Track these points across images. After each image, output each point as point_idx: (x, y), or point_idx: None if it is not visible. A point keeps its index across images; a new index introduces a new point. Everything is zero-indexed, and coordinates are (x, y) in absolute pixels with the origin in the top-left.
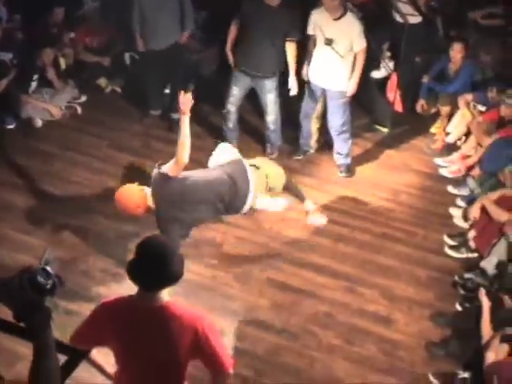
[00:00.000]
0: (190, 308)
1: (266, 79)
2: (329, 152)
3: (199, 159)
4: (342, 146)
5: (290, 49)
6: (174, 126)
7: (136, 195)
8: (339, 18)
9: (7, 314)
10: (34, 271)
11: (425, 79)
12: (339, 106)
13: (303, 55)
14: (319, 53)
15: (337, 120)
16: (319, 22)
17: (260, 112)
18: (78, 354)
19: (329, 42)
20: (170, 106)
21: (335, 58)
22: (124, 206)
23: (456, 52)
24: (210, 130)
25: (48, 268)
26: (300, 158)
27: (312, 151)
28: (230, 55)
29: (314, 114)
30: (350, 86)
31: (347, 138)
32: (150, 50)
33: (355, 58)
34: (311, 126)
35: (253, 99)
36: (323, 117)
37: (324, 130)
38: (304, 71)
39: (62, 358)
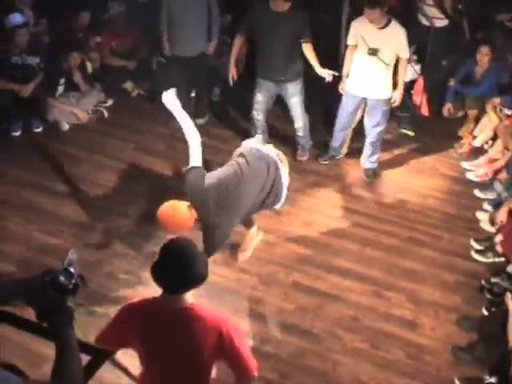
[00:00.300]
0: (215, 310)
1: (288, 83)
2: (354, 155)
3: (224, 163)
4: (373, 151)
5: (307, 50)
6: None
7: (181, 208)
8: (384, 27)
9: (31, 314)
10: (56, 272)
11: (451, 82)
12: (382, 115)
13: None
14: (361, 63)
15: (376, 128)
16: (361, 32)
17: (289, 115)
18: (101, 354)
19: (373, 51)
20: (195, 110)
21: (379, 66)
22: (174, 224)
23: (483, 55)
24: (235, 134)
25: (70, 268)
26: (326, 162)
27: (340, 156)
28: (234, 71)
29: (353, 126)
30: (397, 94)
31: (379, 144)
32: (175, 56)
33: (395, 65)
34: (346, 138)
35: (281, 103)
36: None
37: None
38: (341, 84)
39: (86, 358)
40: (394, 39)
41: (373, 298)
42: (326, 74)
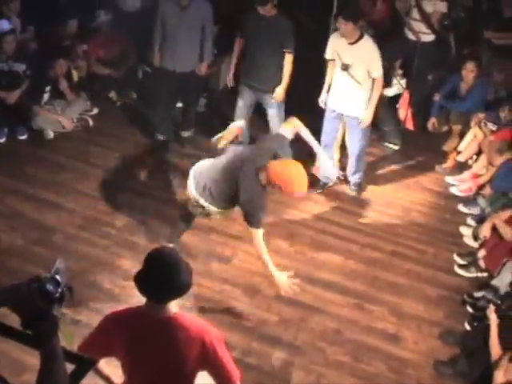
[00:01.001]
0: (198, 320)
1: (266, 94)
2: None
3: None
4: (356, 168)
5: (286, 61)
6: (184, 143)
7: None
8: (355, 43)
9: (15, 322)
10: (43, 279)
11: (436, 97)
12: (362, 131)
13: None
14: (337, 78)
15: (356, 145)
16: (336, 47)
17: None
18: (85, 363)
19: (345, 67)
20: (182, 123)
21: (352, 83)
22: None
23: (468, 71)
24: None
25: (57, 277)
26: (320, 191)
27: (331, 183)
28: (232, 69)
29: (336, 143)
30: (366, 115)
31: (362, 159)
32: (164, 68)
33: (373, 83)
34: (332, 156)
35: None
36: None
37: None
38: (321, 97)
39: (70, 367)
40: (364, 56)
41: (355, 311)
42: (278, 94)
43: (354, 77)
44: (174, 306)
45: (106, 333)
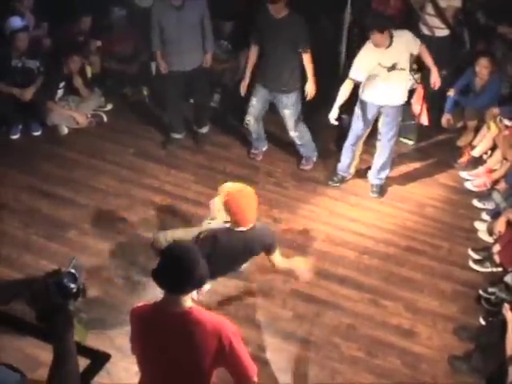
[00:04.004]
0: (214, 315)
1: (282, 94)
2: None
3: (224, 170)
4: (383, 168)
5: (305, 60)
6: (200, 140)
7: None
8: (390, 45)
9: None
10: (61, 274)
11: (450, 93)
12: (395, 122)
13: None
14: (385, 78)
15: (390, 136)
16: (373, 61)
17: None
18: (100, 358)
19: (391, 68)
20: (195, 119)
21: (401, 74)
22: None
23: (481, 67)
24: (236, 141)
25: (75, 273)
26: (337, 185)
27: (349, 177)
28: (248, 77)
29: (363, 139)
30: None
31: (389, 162)
32: (173, 71)
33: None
34: (356, 152)
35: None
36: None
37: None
38: (332, 114)
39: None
40: (404, 47)
41: (370, 307)
42: (309, 91)
43: (403, 68)
44: (189, 301)
45: (132, 329)
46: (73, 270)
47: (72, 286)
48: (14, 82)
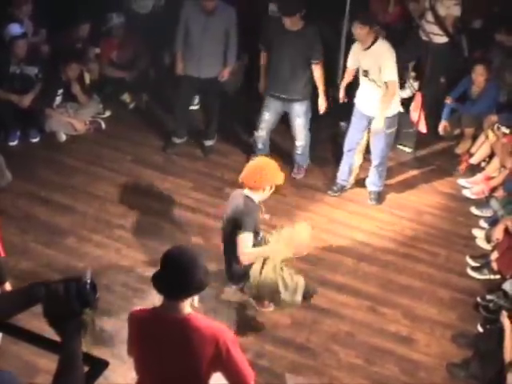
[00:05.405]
0: (212, 321)
1: (295, 103)
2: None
3: (222, 177)
4: (379, 176)
5: (316, 71)
6: (207, 152)
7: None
8: (369, 48)
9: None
10: (83, 281)
11: (448, 100)
12: (381, 136)
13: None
14: (362, 83)
15: (378, 148)
16: (357, 55)
17: (290, 132)
18: (99, 364)
19: (365, 73)
20: (205, 131)
21: (375, 87)
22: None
23: (477, 74)
24: (234, 148)
25: (95, 283)
26: (337, 195)
27: (348, 186)
28: (264, 81)
29: (359, 147)
30: (377, 122)
31: (385, 165)
32: (188, 76)
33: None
34: (354, 161)
35: (284, 121)
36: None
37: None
38: (340, 93)
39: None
40: (378, 59)
41: (368, 314)
42: (322, 105)
43: (375, 81)
44: (188, 307)
45: (129, 333)
46: (93, 280)
47: (92, 295)
48: (12, 88)
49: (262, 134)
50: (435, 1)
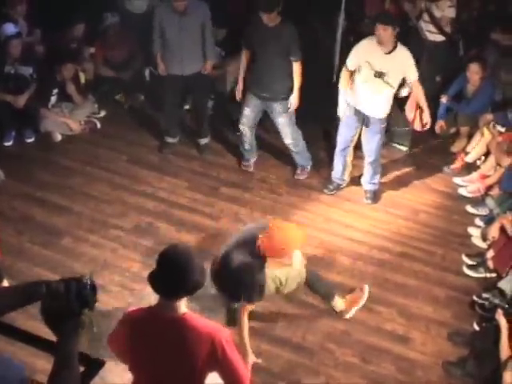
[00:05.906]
0: (208, 321)
1: (275, 102)
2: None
3: (218, 176)
4: (374, 172)
5: (295, 69)
6: (202, 150)
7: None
8: (391, 52)
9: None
10: (83, 282)
11: (443, 99)
12: (377, 133)
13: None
14: (366, 83)
15: (374, 147)
16: (366, 57)
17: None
18: (94, 364)
19: (379, 75)
20: (198, 130)
21: (385, 87)
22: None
23: (472, 73)
24: (230, 147)
25: (95, 284)
26: (333, 193)
27: (344, 185)
28: (241, 82)
29: (352, 145)
30: (426, 116)
31: (379, 162)
32: (172, 75)
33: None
34: (347, 158)
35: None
36: (356, 148)
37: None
38: (340, 108)
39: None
40: (403, 64)
41: (364, 312)
42: (293, 103)
43: (390, 83)
44: (183, 306)
45: (121, 331)
46: (93, 282)
47: (92, 296)
48: (7, 88)
49: (243, 130)
50: (430, 3)
